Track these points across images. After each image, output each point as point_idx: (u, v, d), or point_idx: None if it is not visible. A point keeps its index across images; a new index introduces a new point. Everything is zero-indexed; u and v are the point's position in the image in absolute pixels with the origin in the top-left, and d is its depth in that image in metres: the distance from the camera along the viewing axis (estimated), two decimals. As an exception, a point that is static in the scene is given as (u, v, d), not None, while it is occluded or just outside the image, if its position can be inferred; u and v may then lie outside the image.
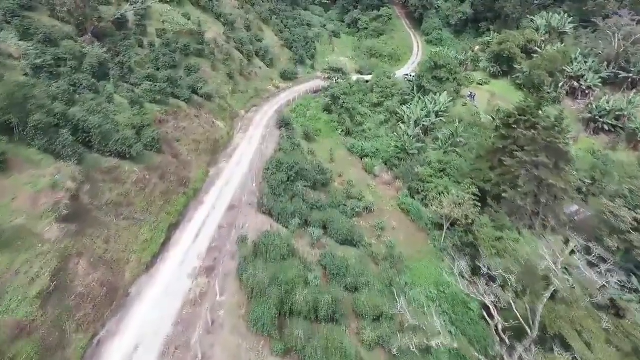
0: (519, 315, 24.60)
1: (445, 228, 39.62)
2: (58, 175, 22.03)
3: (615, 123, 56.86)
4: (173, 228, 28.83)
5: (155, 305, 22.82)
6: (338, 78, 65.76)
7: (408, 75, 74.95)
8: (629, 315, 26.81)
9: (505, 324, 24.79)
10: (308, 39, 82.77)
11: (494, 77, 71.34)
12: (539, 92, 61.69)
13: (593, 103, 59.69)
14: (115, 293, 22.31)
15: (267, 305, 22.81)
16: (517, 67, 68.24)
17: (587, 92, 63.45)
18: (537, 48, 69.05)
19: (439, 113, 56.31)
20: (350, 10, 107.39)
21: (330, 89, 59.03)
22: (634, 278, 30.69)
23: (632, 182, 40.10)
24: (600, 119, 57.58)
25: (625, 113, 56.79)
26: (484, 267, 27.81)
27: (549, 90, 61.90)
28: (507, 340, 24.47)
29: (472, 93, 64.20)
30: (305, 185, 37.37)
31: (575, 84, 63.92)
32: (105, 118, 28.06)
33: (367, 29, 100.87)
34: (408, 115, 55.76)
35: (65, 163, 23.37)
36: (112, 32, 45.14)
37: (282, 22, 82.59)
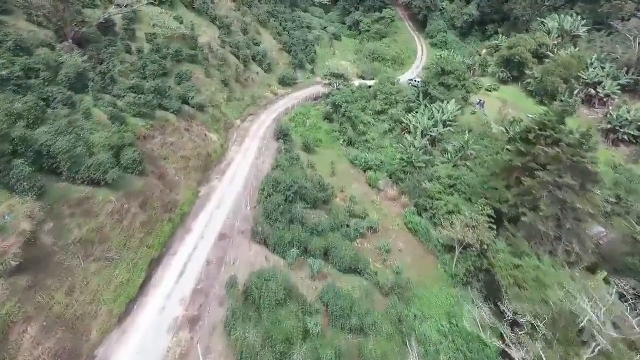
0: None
1: (458, 252, 36.35)
2: (8, 216, 18.35)
3: (638, 134, 53.18)
4: (155, 264, 25.23)
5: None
6: (339, 84, 62.38)
7: (413, 81, 71.63)
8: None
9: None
10: (308, 42, 79.02)
11: (504, 83, 67.92)
12: (553, 99, 58.25)
13: (613, 112, 55.87)
14: (75, 362, 18.09)
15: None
16: (528, 72, 64.78)
17: (605, 100, 59.55)
18: (549, 52, 65.70)
19: (447, 123, 52.91)
20: (352, 12, 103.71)
21: (332, 97, 55.74)
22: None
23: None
24: (621, 130, 53.82)
25: (649, 123, 53.08)
26: (508, 311, 24.31)
27: (563, 98, 58.32)
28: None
29: (481, 100, 60.70)
30: (305, 207, 34.10)
31: (592, 92, 59.98)
32: (77, 140, 24.43)
33: (369, 32, 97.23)
34: (414, 125, 52.39)
35: (21, 199, 19.62)
36: (96, 37, 41.64)
37: (280, 24, 78.69)
